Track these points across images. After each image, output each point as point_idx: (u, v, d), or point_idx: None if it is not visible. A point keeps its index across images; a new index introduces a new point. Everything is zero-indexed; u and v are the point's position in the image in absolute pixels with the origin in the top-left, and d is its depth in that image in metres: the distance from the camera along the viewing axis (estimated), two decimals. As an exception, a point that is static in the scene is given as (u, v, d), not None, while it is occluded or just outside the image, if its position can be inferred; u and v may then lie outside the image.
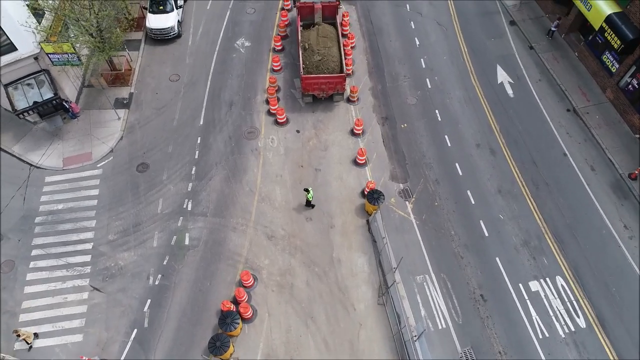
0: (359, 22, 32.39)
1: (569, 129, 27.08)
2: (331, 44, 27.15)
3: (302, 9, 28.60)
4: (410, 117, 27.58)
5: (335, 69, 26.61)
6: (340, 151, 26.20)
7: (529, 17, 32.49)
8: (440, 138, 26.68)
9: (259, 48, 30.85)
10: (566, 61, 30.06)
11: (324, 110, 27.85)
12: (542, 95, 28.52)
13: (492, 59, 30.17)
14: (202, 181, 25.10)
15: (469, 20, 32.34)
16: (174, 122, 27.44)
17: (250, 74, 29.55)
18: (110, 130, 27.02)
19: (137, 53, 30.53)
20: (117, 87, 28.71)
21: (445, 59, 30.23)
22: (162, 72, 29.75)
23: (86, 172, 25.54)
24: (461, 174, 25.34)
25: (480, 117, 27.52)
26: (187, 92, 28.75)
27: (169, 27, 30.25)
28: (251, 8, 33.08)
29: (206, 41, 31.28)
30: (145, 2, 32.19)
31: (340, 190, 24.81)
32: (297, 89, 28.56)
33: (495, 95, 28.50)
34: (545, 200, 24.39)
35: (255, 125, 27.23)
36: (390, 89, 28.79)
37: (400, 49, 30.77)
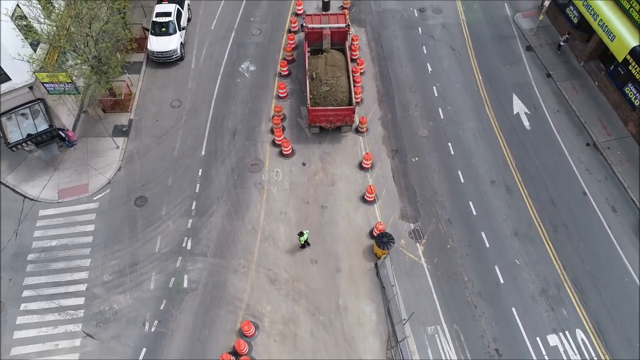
0: (368, 45, 31.12)
1: (588, 165, 25.73)
2: (340, 74, 25.90)
3: (310, 35, 27.36)
4: (422, 150, 26.30)
5: (344, 100, 25.37)
6: (347, 186, 24.96)
7: (547, 42, 31.12)
8: (453, 173, 25.39)
9: (265, 72, 29.65)
10: (585, 91, 28.69)
11: (331, 141, 26.61)
12: (560, 127, 27.18)
13: (507, 88, 28.84)
14: (202, 217, 23.94)
15: (483, 44, 31.01)
16: (174, 151, 26.29)
17: (255, 100, 28.36)
18: (108, 159, 25.91)
19: (137, 76, 29.40)
20: (116, 113, 27.60)
21: (458, 86, 28.92)
22: (163, 97, 28.61)
23: (82, 205, 24.43)
24: (475, 213, 24.06)
25: (495, 151, 26.21)
26: (189, 120, 27.59)
27: (172, 50, 29.10)
28: (257, 29, 31.88)
29: (209, 64, 30.11)
30: (147, 23, 31.08)
31: (348, 230, 23.58)
32: (304, 118, 27.36)
33: (510, 126, 27.18)
34: (564, 244, 23.07)
35: (259, 157, 26.03)
36: (400, 119, 27.53)
37: (412, 75, 29.49)
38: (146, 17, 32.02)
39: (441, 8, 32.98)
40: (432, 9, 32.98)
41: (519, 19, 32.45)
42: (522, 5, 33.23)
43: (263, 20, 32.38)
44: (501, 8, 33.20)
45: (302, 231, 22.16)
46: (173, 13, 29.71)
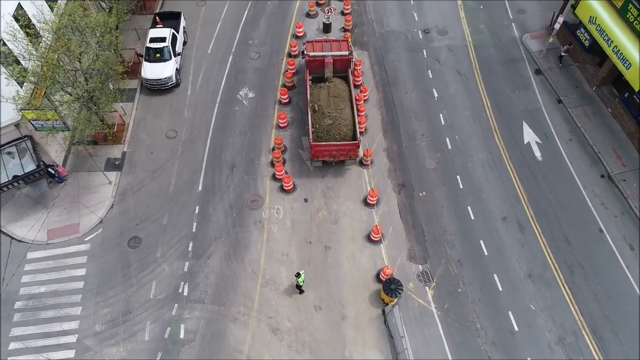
0: (372, 69, 29.90)
1: (604, 199, 24.59)
2: (343, 105, 24.68)
3: (311, 63, 26.12)
4: (430, 183, 25.12)
5: (348, 134, 24.16)
6: (352, 224, 23.77)
7: (556, 66, 29.94)
8: (463, 209, 24.22)
9: (264, 100, 28.41)
10: (598, 118, 27.55)
11: (334, 175, 25.41)
12: (573, 157, 26.03)
13: (517, 115, 27.68)
14: (199, 260, 22.72)
15: (491, 68, 29.82)
16: (170, 187, 25.05)
17: (254, 130, 27.13)
18: (100, 196, 24.65)
19: (131, 104, 28.14)
20: (108, 145, 26.34)
21: (466, 114, 27.74)
22: (158, 127, 27.35)
23: (73, 247, 23.18)
24: (487, 253, 22.90)
25: (506, 184, 25.05)
26: (185, 152, 26.35)
27: (167, 77, 27.83)
28: (255, 53, 30.63)
29: (206, 91, 28.86)
30: (141, 48, 29.81)
31: (353, 272, 22.39)
32: (305, 149, 26.15)
33: (521, 157, 26.02)
34: (581, 287, 21.93)
35: (259, 193, 24.81)
36: (406, 150, 26.34)
37: (417, 102, 28.29)
38: (140, 41, 30.76)
39: (446, 29, 31.79)
40: (437, 30, 31.79)
41: (527, 40, 31.29)
42: (530, 25, 32.07)
43: (262, 43, 31.14)
44: (508, 28, 32.03)
45: (299, 272, 20.98)
46: (168, 38, 28.45)
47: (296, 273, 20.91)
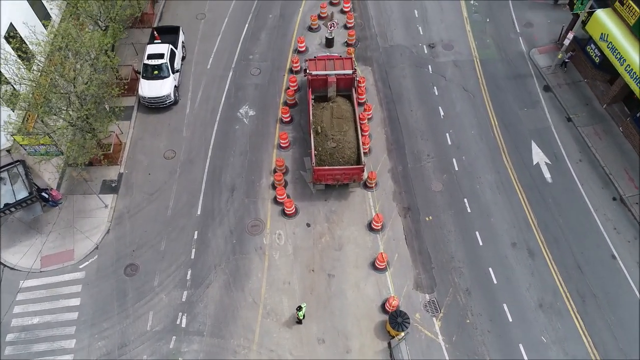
0: (375, 86, 29.09)
1: (616, 223, 23.78)
2: (347, 127, 23.88)
3: (314, 82, 25.31)
4: (436, 207, 24.31)
5: (352, 157, 23.35)
6: (356, 251, 22.97)
7: (565, 82, 29.14)
8: (471, 235, 23.42)
9: (265, 118, 27.61)
10: (609, 137, 26.74)
11: (337, 198, 24.60)
12: (584, 179, 25.23)
13: (525, 134, 26.87)
14: (198, 289, 21.92)
15: (498, 85, 29.01)
16: (168, 210, 24.25)
17: (255, 150, 26.32)
18: (95, 220, 23.85)
19: (128, 123, 27.33)
20: (104, 166, 25.51)
21: (473, 133, 26.93)
22: (155, 147, 26.55)
23: (67, 275, 22.38)
24: (496, 282, 22.09)
25: (516, 208, 24.24)
26: (184, 173, 25.55)
27: (165, 95, 27.01)
28: (256, 68, 29.82)
29: (206, 109, 28.06)
30: (138, 63, 28.99)
31: (357, 302, 21.59)
32: (307, 171, 25.33)
33: (531, 179, 25.20)
34: (594, 318, 21.12)
35: (259, 217, 24.01)
36: (412, 171, 25.53)
37: (423, 120, 27.48)
38: (138, 56, 29.94)
39: (452, 44, 30.97)
40: (442, 44, 30.97)
41: (535, 55, 30.48)
42: (537, 39, 31.27)
43: (263, 59, 30.33)
44: (516, 43, 31.21)
45: (301, 305, 20.18)
46: (166, 54, 27.63)
47: (297, 306, 20.11)
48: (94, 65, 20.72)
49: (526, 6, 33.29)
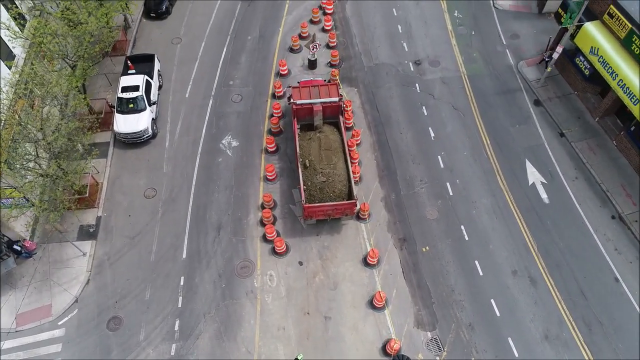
0: (362, 108, 28.05)
1: (617, 244, 23.14)
2: (336, 159, 22.78)
3: (299, 111, 24.15)
4: (432, 236, 23.38)
5: (343, 190, 22.28)
6: (353, 289, 21.90)
7: (556, 95, 28.49)
8: (470, 265, 22.53)
9: (249, 148, 26.37)
10: (604, 152, 26.12)
11: (329, 231, 23.50)
12: (582, 198, 24.55)
13: (519, 152, 26.11)
14: (188, 340, 20.62)
15: (488, 101, 28.22)
16: (151, 255, 22.88)
17: (241, 184, 25.07)
18: (74, 271, 22.39)
19: (104, 161, 25.85)
20: (81, 210, 24.04)
21: (465, 154, 26.07)
22: (135, 186, 25.13)
23: (45, 333, 20.88)
24: (499, 314, 21.23)
25: (514, 233, 23.44)
26: (166, 213, 24.20)
27: (142, 130, 25.59)
28: (237, 95, 28.54)
29: (186, 141, 26.70)
30: (112, 95, 27.50)
31: (357, 345, 20.52)
32: (297, 204, 24.19)
33: (527, 201, 24.44)
34: (601, 347, 20.39)
35: (249, 257, 22.79)
36: (405, 199, 24.56)
37: (413, 143, 26.53)
38: (111, 86, 28.43)
39: (439, 59, 30.10)
40: (428, 60, 30.07)
41: (524, 68, 29.78)
42: (525, 51, 30.58)
43: (244, 84, 29.07)
44: (503, 55, 30.48)
45: (297, 357, 19.08)
46: (141, 86, 26.20)
47: (294, 358, 18.99)
48: (62, 112, 19.24)
49: (511, 16, 32.63)
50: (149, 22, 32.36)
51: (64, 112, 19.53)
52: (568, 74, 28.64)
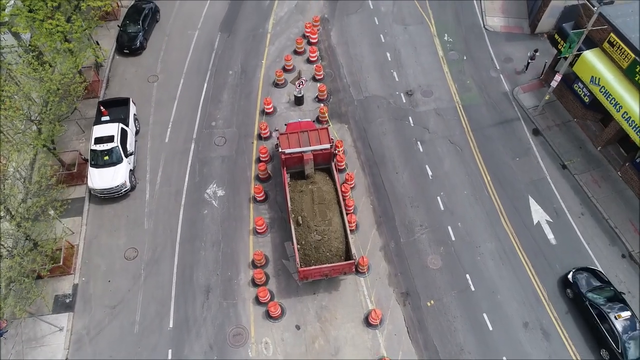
0: (354, 147, 26.49)
1: (629, 286, 21.99)
2: (331, 214, 21.15)
3: (288, 160, 22.49)
4: (437, 288, 21.94)
5: (340, 248, 20.68)
6: (355, 353, 20.31)
7: (555, 123, 27.29)
8: (478, 319, 21.14)
9: (236, 198, 24.62)
10: (609, 184, 24.98)
11: (327, 289, 21.89)
12: (589, 236, 23.36)
13: (521, 189, 24.82)
14: None
15: (485, 133, 26.88)
16: (134, 326, 21.01)
17: (229, 239, 23.32)
18: (50, 349, 20.43)
19: (79, 219, 23.88)
20: (55, 277, 22.07)
21: (466, 194, 24.69)
22: (114, 246, 23.21)
23: None
24: (513, 374, 19.93)
25: (522, 280, 22.12)
26: (150, 276, 22.34)
27: (119, 184, 23.65)
28: (220, 137, 26.75)
29: (168, 192, 24.84)
30: (85, 145, 25.49)
31: (364, 419, 19.03)
32: (290, 258, 22.55)
33: (534, 242, 23.16)
34: (623, 405, 19.19)
35: (242, 323, 21.06)
36: (405, 247, 23.08)
37: (410, 183, 25.06)
38: (84, 134, 26.44)
39: (431, 89, 28.68)
40: (421, 91, 28.64)
41: (519, 94, 28.53)
42: (519, 75, 29.33)
43: (227, 124, 27.29)
44: (497, 81, 29.20)
45: None
46: (116, 136, 24.26)
47: None
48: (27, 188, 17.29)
49: (503, 38, 31.39)
50: (123, 58, 30.34)
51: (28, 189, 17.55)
52: (566, 100, 27.46)
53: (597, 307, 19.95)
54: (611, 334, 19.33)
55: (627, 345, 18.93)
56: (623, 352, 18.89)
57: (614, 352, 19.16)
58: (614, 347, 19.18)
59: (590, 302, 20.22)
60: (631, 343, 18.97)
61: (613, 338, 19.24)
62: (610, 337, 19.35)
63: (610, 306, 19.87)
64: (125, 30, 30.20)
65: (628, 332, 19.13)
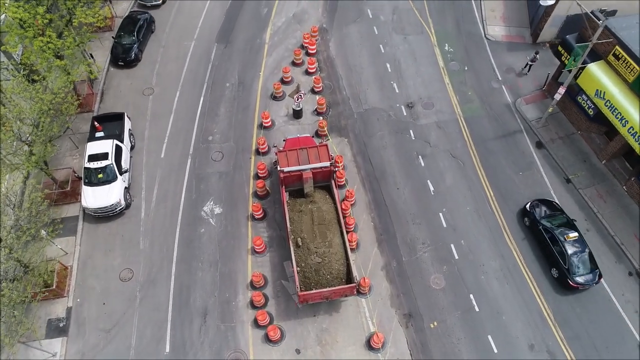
0: (354, 161, 25.94)
1: (636, 305, 21.50)
2: (332, 235, 20.59)
3: (287, 179, 21.92)
4: (440, 309, 21.41)
5: (341, 270, 20.11)
6: (357, 378, 19.84)
7: (558, 136, 26.80)
8: (483, 341, 20.61)
9: (234, 216, 24.04)
10: (614, 199, 24.51)
11: (327, 311, 21.33)
12: (595, 253, 22.67)
13: (525, 203, 24.29)
14: None
15: (487, 146, 26.37)
16: (130, 352, 20.42)
17: (226, 259, 22.75)
18: (43, 377, 19.88)
19: (73, 239, 23.27)
20: (48, 300, 21.46)
21: (469, 209, 24.18)
22: (109, 267, 22.61)
23: None
24: (519, 399, 19.42)
25: (528, 300, 21.61)
26: (145, 298, 21.76)
27: (114, 203, 23.06)
28: (217, 152, 26.17)
29: (164, 210, 24.25)
30: (79, 161, 24.89)
31: None
32: (290, 279, 22.00)
33: (538, 261, 22.65)
34: None
35: (240, 347, 20.48)
36: (407, 266, 22.55)
37: (412, 199, 24.53)
38: (78, 149, 25.83)
39: (432, 101, 28.16)
40: (421, 103, 28.11)
41: (522, 106, 28.03)
42: (522, 86, 28.87)
43: (224, 139, 26.72)
44: (499, 92, 28.70)
45: None
46: (111, 153, 23.68)
47: None
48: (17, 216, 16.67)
49: (504, 48, 30.90)
50: (117, 70, 29.74)
51: (18, 216, 16.93)
52: (570, 112, 26.98)
53: (549, 231, 22.00)
54: (561, 254, 21.34)
55: (573, 262, 21.01)
56: (569, 269, 20.96)
57: (562, 270, 21.14)
58: (562, 265, 21.17)
59: (543, 227, 22.28)
60: (577, 260, 21.07)
61: (562, 257, 21.26)
62: (559, 257, 21.38)
63: (561, 231, 21.83)
64: (119, 41, 29.60)
65: (575, 251, 21.22)
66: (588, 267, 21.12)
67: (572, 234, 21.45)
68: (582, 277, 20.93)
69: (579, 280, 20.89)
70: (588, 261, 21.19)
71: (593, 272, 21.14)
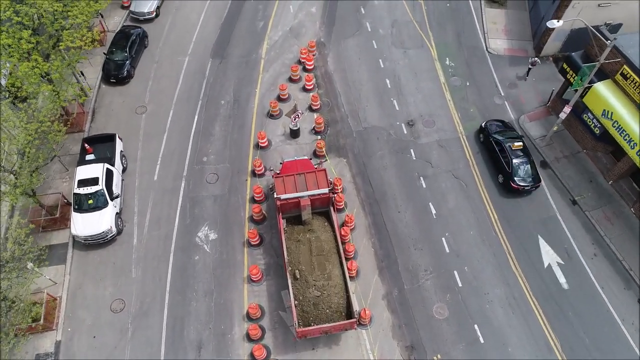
0: (354, 183, 25.15)
1: (647, 334, 20.81)
2: (331, 266, 19.79)
3: (284, 206, 21.11)
4: (444, 341, 20.64)
5: (341, 304, 19.31)
6: (358, 416, 19.08)
7: (563, 155, 26.06)
8: (489, 375, 19.91)
9: (230, 241, 23.23)
10: (621, 221, 23.78)
11: (327, 343, 20.53)
12: (603, 280, 22.15)
13: (530, 228, 23.58)
14: None
15: (491, 166, 25.60)
16: (122, 389, 19.69)
17: (222, 288, 21.94)
18: (30, 416, 19.04)
19: (62, 267, 22.44)
20: (37, 334, 20.63)
21: (472, 234, 23.42)
22: (100, 297, 21.78)
23: None
24: None
25: (534, 329, 20.86)
26: (138, 330, 20.92)
27: (104, 231, 22.23)
28: (212, 174, 25.35)
29: (157, 236, 23.42)
30: (68, 184, 24.04)
31: None
32: (287, 310, 21.19)
33: (544, 287, 21.92)
34: None
35: (236, 383, 19.77)
36: (409, 294, 21.77)
37: (413, 223, 23.76)
38: (67, 172, 24.99)
39: (433, 119, 27.39)
40: (422, 121, 27.33)
41: (526, 123, 27.30)
42: (525, 102, 28.16)
43: (219, 160, 25.89)
44: (502, 109, 27.95)
45: None
46: (101, 177, 22.83)
47: None
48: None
49: (506, 62, 30.15)
50: (109, 88, 28.89)
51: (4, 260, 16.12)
52: (575, 130, 26.24)
53: (500, 143, 24.71)
54: (506, 161, 24.16)
55: (516, 167, 23.88)
56: (512, 173, 23.78)
57: (507, 174, 24.02)
58: (507, 170, 24.02)
59: (494, 139, 25.03)
60: (519, 165, 23.94)
61: (507, 163, 24.05)
62: (505, 163, 24.22)
63: (510, 142, 24.57)
64: (111, 57, 28.74)
65: (518, 158, 24.12)
66: (529, 173, 23.90)
67: (517, 143, 24.34)
68: (523, 181, 23.76)
69: (519, 183, 23.68)
70: (529, 168, 23.97)
71: (533, 177, 24.00)
